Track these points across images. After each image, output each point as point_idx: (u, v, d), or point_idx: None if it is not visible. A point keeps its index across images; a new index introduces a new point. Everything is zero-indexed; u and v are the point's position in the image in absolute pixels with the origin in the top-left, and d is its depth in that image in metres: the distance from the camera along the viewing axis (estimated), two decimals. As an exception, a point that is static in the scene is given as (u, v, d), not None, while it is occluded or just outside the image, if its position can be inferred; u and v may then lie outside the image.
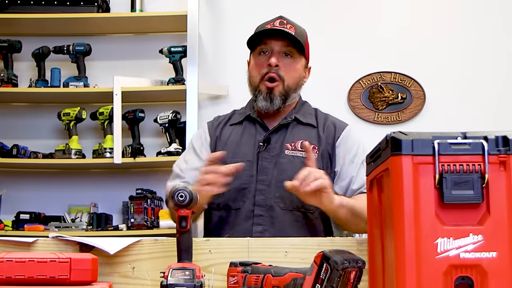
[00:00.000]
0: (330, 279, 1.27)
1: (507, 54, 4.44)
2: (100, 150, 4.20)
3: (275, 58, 2.38)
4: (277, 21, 2.43)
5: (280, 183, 2.31)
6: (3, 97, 4.39)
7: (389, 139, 1.33)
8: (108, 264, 1.68)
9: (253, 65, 2.45)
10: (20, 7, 4.31)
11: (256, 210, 2.32)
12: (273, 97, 2.38)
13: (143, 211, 4.16)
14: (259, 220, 2.31)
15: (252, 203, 2.33)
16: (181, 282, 1.38)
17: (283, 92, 2.39)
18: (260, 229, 2.29)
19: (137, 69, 4.44)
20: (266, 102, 2.39)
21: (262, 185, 2.34)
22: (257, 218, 2.31)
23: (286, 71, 2.40)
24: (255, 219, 2.31)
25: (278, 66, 2.38)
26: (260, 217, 2.31)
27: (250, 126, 2.47)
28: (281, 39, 2.39)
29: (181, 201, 1.45)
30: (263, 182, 2.35)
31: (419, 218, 1.27)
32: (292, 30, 2.40)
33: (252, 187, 2.35)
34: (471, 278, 1.27)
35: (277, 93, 2.38)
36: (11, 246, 1.69)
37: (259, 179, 2.35)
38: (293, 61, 2.42)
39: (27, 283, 1.39)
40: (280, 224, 2.29)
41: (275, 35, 2.40)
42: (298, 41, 2.38)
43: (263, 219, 2.31)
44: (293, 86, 2.42)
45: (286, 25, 2.41)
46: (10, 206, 4.32)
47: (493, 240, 1.27)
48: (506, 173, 1.29)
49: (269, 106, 2.39)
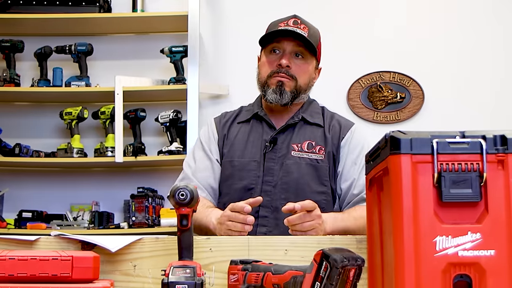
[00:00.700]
0: (329, 277, 1.27)
1: (505, 54, 4.44)
2: (102, 149, 4.20)
3: (286, 59, 2.37)
4: (291, 20, 2.41)
5: (285, 185, 2.32)
6: (5, 96, 4.39)
7: (388, 138, 1.33)
8: (109, 262, 1.68)
9: (264, 62, 2.44)
10: (23, 7, 4.31)
11: (261, 211, 2.30)
12: (283, 91, 2.36)
13: (144, 210, 4.16)
14: (263, 221, 2.30)
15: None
16: (182, 280, 1.38)
17: (294, 90, 2.38)
18: (264, 230, 2.28)
19: (139, 68, 4.45)
20: (276, 94, 2.37)
21: (268, 186, 2.34)
22: (261, 219, 2.30)
23: (297, 72, 2.39)
24: (260, 220, 2.29)
25: (289, 67, 2.37)
26: (265, 218, 2.30)
27: (257, 124, 2.46)
28: (294, 39, 2.37)
29: (182, 200, 1.45)
30: (268, 183, 2.34)
31: (418, 217, 1.27)
32: (306, 30, 2.38)
33: (258, 188, 2.34)
34: (469, 276, 1.27)
35: (287, 88, 2.37)
36: (14, 244, 1.69)
37: (265, 180, 2.34)
38: (304, 62, 2.40)
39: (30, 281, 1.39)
40: (285, 226, 2.28)
41: (288, 35, 2.38)
42: (310, 43, 2.37)
43: (267, 221, 2.30)
44: (304, 87, 2.41)
45: (300, 25, 2.39)
46: (13, 204, 4.33)
47: (491, 238, 1.27)
48: (504, 172, 1.29)
49: (279, 99, 2.37)
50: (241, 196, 2.32)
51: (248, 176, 2.35)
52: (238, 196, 2.32)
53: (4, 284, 1.35)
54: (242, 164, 2.38)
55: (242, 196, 2.32)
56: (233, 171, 2.39)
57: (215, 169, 2.43)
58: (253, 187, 2.34)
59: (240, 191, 2.34)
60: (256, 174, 2.35)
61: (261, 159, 2.37)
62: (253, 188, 2.33)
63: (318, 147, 2.38)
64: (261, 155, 2.38)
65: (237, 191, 2.34)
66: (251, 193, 2.33)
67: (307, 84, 2.43)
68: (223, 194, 2.40)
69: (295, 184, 2.33)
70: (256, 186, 2.34)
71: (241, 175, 2.37)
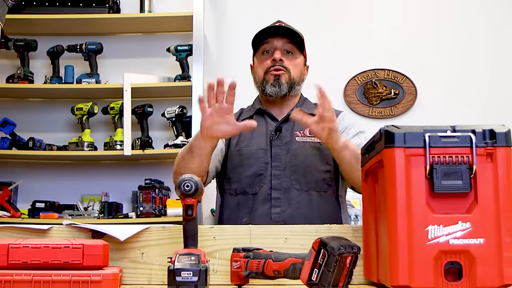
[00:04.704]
0: (327, 264, 1.27)
1: (493, 52, 4.44)
2: (111, 143, 4.20)
3: (279, 54, 2.43)
4: (276, 24, 2.49)
5: (294, 167, 2.37)
6: (20, 93, 4.39)
7: (382, 132, 1.33)
8: (118, 250, 1.68)
9: (257, 64, 2.50)
10: (36, 8, 4.31)
11: (273, 194, 2.33)
12: (280, 83, 2.42)
13: (152, 200, 4.16)
14: (276, 203, 2.33)
15: (268, 187, 2.34)
16: (187, 267, 1.38)
17: (289, 81, 2.44)
18: (278, 211, 2.31)
19: (146, 66, 4.44)
20: (275, 87, 2.43)
21: (277, 170, 2.36)
22: (274, 200, 2.33)
23: (289, 64, 2.45)
24: (273, 202, 2.33)
25: (282, 61, 2.43)
26: (278, 199, 2.33)
27: (260, 118, 2.48)
28: (283, 37, 2.44)
29: (187, 191, 1.45)
30: (277, 167, 2.37)
31: (411, 207, 1.27)
32: None
33: (267, 173, 2.36)
34: (459, 263, 1.27)
35: (283, 80, 2.43)
36: (28, 233, 1.69)
37: (274, 165, 2.37)
38: (294, 57, 2.47)
39: (42, 268, 1.39)
40: (297, 205, 2.32)
41: (277, 33, 2.44)
42: (298, 36, 2.44)
43: (280, 201, 2.33)
44: (297, 79, 2.47)
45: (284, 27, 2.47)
46: (27, 195, 4.33)
47: (481, 227, 1.27)
48: (493, 164, 1.29)
49: (278, 91, 2.42)
50: (252, 181, 2.36)
51: (256, 163, 2.38)
52: (248, 182, 2.37)
53: (18, 270, 1.35)
54: (250, 153, 2.41)
55: (252, 181, 2.36)
56: (241, 159, 2.41)
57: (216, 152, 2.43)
58: (262, 172, 2.37)
59: (250, 177, 2.37)
60: (264, 160, 2.38)
61: (268, 147, 2.40)
62: (262, 173, 2.37)
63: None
64: (267, 144, 2.41)
65: (247, 177, 2.38)
66: (260, 178, 2.36)
67: (299, 77, 2.48)
68: (233, 180, 2.42)
69: (302, 165, 2.37)
70: (265, 172, 2.36)
71: (250, 162, 2.39)
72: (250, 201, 2.37)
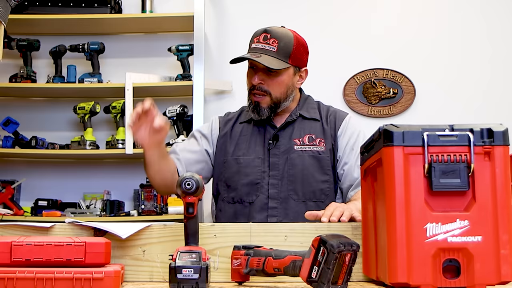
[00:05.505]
0: (326, 261, 1.27)
1: (491, 52, 4.43)
2: (113, 142, 4.20)
3: (258, 78, 2.36)
4: (262, 35, 2.38)
5: (291, 177, 2.34)
6: (22, 92, 4.39)
7: (381, 131, 1.33)
8: (120, 247, 1.68)
9: (247, 74, 2.45)
10: (39, 8, 4.31)
11: (270, 203, 2.32)
12: (260, 110, 2.38)
13: (153, 198, 4.17)
14: (273, 212, 2.31)
15: (266, 197, 2.33)
16: (188, 264, 1.38)
17: (271, 104, 2.38)
18: (275, 220, 2.30)
19: (147, 66, 4.44)
20: (254, 113, 2.40)
21: (275, 179, 2.35)
22: (271, 210, 2.32)
23: (270, 86, 2.37)
24: (270, 211, 2.31)
25: (262, 83, 2.37)
26: (275, 209, 2.31)
27: (259, 124, 2.46)
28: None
29: (188, 189, 1.45)
30: (275, 177, 2.35)
31: (409, 205, 1.27)
32: (275, 44, 2.34)
33: (264, 182, 2.35)
34: (458, 260, 1.27)
35: (264, 105, 2.38)
36: (30, 230, 1.69)
37: (271, 174, 2.35)
38: (276, 75, 2.37)
39: (45, 265, 1.38)
40: (294, 215, 2.29)
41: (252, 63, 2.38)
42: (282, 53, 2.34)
43: (277, 211, 2.31)
44: (281, 97, 2.39)
45: (269, 40, 2.35)
46: (29, 193, 4.34)
47: (479, 225, 1.27)
48: (491, 163, 1.29)
49: (257, 117, 2.40)
50: (248, 190, 2.34)
51: (253, 172, 2.36)
52: (245, 191, 2.35)
53: (21, 268, 1.35)
54: (247, 161, 2.39)
55: (249, 190, 2.34)
56: (239, 168, 2.40)
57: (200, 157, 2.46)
58: (259, 181, 2.35)
59: (247, 186, 2.35)
60: (261, 169, 2.36)
61: (265, 156, 2.38)
62: (259, 182, 2.35)
63: (318, 139, 2.39)
64: (264, 152, 2.39)
65: (244, 185, 2.36)
66: (257, 187, 2.34)
67: (285, 93, 2.40)
68: (231, 189, 2.40)
69: (300, 176, 2.34)
70: (262, 181, 2.35)
71: (247, 171, 2.38)
72: (247, 210, 2.35)
